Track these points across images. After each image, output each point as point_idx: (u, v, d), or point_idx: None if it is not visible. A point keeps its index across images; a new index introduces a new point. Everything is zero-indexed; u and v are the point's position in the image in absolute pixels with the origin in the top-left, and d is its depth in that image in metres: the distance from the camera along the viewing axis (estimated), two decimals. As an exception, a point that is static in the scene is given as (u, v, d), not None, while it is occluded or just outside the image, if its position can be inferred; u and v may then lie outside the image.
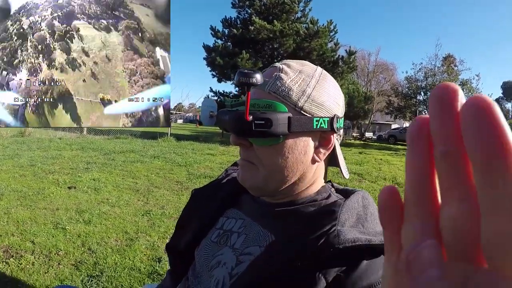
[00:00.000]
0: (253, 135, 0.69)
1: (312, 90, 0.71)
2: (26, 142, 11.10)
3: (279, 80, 0.70)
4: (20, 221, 3.90)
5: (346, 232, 0.61)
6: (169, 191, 5.93)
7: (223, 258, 0.76)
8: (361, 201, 0.71)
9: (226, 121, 0.73)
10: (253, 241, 0.74)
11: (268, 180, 0.73)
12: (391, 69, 42.91)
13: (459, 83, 25.80)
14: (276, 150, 0.70)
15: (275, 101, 0.68)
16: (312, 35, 18.50)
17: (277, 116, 0.67)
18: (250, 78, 0.63)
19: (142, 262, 3.12)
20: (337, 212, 0.65)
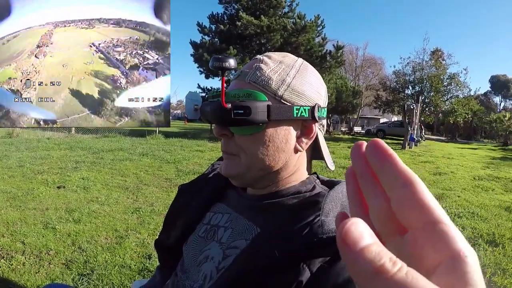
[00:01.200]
0: (233, 124, 0.70)
1: (292, 79, 0.72)
2: (14, 143, 10.99)
3: (259, 70, 0.72)
4: (10, 222, 3.88)
5: (329, 222, 0.61)
6: (158, 188, 5.93)
7: (211, 253, 0.77)
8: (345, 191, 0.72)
9: (208, 112, 0.74)
10: (239, 234, 0.75)
11: (250, 169, 0.74)
12: (379, 63, 43.14)
13: (447, 77, 25.98)
14: (257, 138, 0.71)
15: (255, 90, 0.70)
16: (300, 30, 18.47)
17: (256, 104, 0.68)
18: (223, 62, 0.65)
19: (132, 260, 3.14)
20: (321, 203, 0.66)
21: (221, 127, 0.74)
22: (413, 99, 25.11)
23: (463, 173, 9.31)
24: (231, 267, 0.69)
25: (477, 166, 11.20)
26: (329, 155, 0.81)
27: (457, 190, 6.94)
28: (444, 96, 26.18)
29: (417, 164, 10.65)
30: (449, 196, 6.18)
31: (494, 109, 54.47)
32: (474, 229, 4.33)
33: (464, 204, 5.64)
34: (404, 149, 16.25)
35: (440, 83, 25.06)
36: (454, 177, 8.46)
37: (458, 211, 5.07)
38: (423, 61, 27.79)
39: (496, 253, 3.64)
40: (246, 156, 0.73)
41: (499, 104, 63.22)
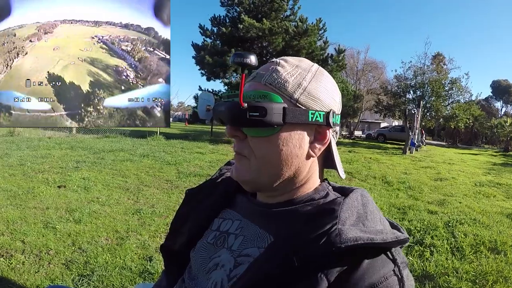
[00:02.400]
0: (247, 124, 0.69)
1: (308, 83, 0.71)
2: (15, 142, 10.99)
3: (276, 72, 0.71)
4: (10, 221, 3.87)
5: (347, 231, 0.60)
6: (159, 190, 5.93)
7: (221, 260, 0.75)
8: (361, 199, 0.70)
9: (222, 112, 0.73)
10: (251, 242, 0.74)
11: (261, 173, 0.72)
12: (380, 67, 43.23)
13: (449, 82, 25.94)
14: (270, 141, 0.70)
15: (271, 92, 0.69)
16: (301, 33, 18.47)
17: (272, 105, 0.67)
18: (244, 58, 0.64)
19: (133, 261, 3.12)
20: (337, 211, 0.65)
21: (234, 128, 0.73)
22: (414, 103, 25.08)
23: (464, 179, 9.30)
24: (245, 276, 0.67)
25: (478, 172, 11.20)
26: (340, 163, 0.80)
27: (459, 196, 6.93)
28: (445, 101, 26.11)
29: (418, 169, 10.64)
30: (450, 202, 6.16)
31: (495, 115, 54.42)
32: (476, 236, 4.31)
33: (465, 211, 5.63)
34: (404, 154, 16.25)
35: (441, 88, 25.01)
36: (455, 183, 8.46)
37: (460, 218, 5.05)
38: (424, 65, 27.76)
39: (498, 261, 3.61)
40: (258, 159, 0.72)
41: (500, 110, 63.25)
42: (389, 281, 0.60)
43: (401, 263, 0.63)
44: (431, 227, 4.54)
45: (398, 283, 0.61)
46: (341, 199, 0.70)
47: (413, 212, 5.35)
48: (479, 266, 3.47)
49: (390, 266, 0.62)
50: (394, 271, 0.61)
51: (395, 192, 6.95)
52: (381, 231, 0.64)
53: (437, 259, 3.56)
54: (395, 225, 0.72)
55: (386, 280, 0.59)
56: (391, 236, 0.62)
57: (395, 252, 0.64)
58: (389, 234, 0.63)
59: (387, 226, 0.68)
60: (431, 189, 7.42)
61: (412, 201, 6.19)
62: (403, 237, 0.64)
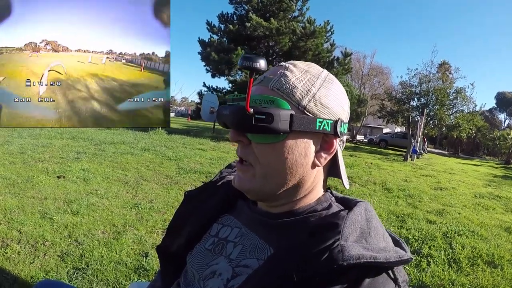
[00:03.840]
0: (253, 130, 0.66)
1: (317, 90, 0.69)
2: (17, 130, 10.99)
3: (284, 77, 0.68)
4: (8, 209, 3.86)
5: (350, 248, 0.59)
6: (158, 185, 5.92)
7: (218, 268, 0.74)
8: (364, 214, 0.68)
9: (226, 116, 0.70)
10: (251, 253, 0.72)
11: (265, 182, 0.70)
12: (386, 73, 43.10)
13: (453, 91, 25.86)
14: (275, 149, 0.68)
15: (278, 97, 0.66)
16: (309, 34, 18.45)
17: (279, 112, 0.64)
18: (253, 62, 0.61)
19: (128, 257, 3.10)
20: (341, 226, 0.63)
21: (238, 133, 0.70)
22: (418, 111, 25.01)
23: (464, 189, 9.27)
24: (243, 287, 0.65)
25: (479, 183, 11.16)
26: (345, 173, 0.78)
27: (458, 206, 6.90)
28: (449, 110, 26.02)
29: (418, 177, 10.61)
30: (449, 213, 6.13)
31: (499, 126, 54.32)
32: (473, 248, 4.29)
33: (464, 222, 5.60)
34: (406, 161, 16.23)
35: (446, 97, 24.91)
36: (455, 193, 8.43)
37: (458, 229, 5.02)
38: (430, 73, 27.61)
39: (495, 275, 3.59)
40: (262, 167, 0.69)
41: (503, 122, 63.16)
42: None
43: (402, 282, 0.61)
44: (429, 237, 4.52)
45: None
46: (344, 213, 0.68)
47: (411, 220, 5.32)
48: (475, 279, 3.45)
49: (391, 286, 0.60)
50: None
51: (395, 199, 6.92)
52: (384, 248, 0.62)
53: (433, 270, 3.54)
54: (397, 240, 0.71)
55: None
56: (394, 255, 0.60)
57: (396, 271, 0.62)
58: (391, 252, 0.61)
59: (390, 243, 0.67)
60: (431, 198, 7.39)
61: (411, 209, 6.16)
62: (406, 257, 0.62)
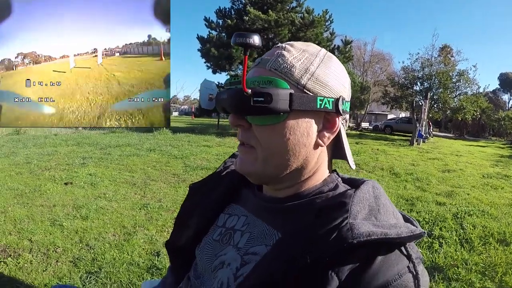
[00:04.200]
0: (252, 112, 0.65)
1: (316, 68, 0.67)
2: (21, 140, 11.05)
3: (281, 57, 0.67)
4: (17, 220, 3.88)
5: (359, 226, 0.57)
6: (166, 184, 5.94)
7: (227, 258, 0.73)
8: (372, 192, 0.66)
9: (225, 100, 0.69)
10: (258, 239, 0.70)
11: (267, 164, 0.68)
12: (387, 59, 42.94)
13: (456, 74, 25.71)
14: (276, 130, 0.66)
15: (277, 78, 0.65)
16: (308, 24, 18.34)
17: (278, 91, 0.62)
18: (247, 38, 0.59)
19: (140, 257, 3.12)
20: (348, 204, 0.61)
21: (238, 117, 0.69)
22: (422, 95, 24.90)
23: (472, 170, 9.22)
24: (252, 275, 0.64)
25: (486, 164, 11.09)
26: (350, 152, 0.76)
27: (466, 187, 6.87)
28: (453, 92, 25.90)
29: (426, 161, 10.56)
30: (458, 194, 6.11)
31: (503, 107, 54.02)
32: (484, 227, 4.28)
33: (474, 202, 5.58)
34: (412, 146, 16.14)
35: (448, 80, 24.79)
36: (463, 175, 8.38)
37: (468, 209, 5.01)
38: (432, 57, 27.51)
39: (507, 252, 3.58)
40: (263, 149, 0.68)
41: (507, 102, 62.77)
42: (404, 278, 0.56)
43: (416, 259, 0.59)
44: (440, 219, 4.51)
45: (413, 280, 0.57)
46: (351, 191, 0.67)
47: (421, 203, 5.32)
48: (488, 257, 3.44)
49: (405, 263, 0.58)
50: (409, 267, 0.58)
51: (403, 183, 6.90)
52: (394, 225, 0.60)
53: (446, 250, 3.54)
54: (408, 218, 0.70)
55: (400, 278, 0.56)
56: (405, 231, 0.59)
57: (409, 247, 0.60)
58: (403, 228, 0.60)
59: (400, 220, 0.65)
60: (439, 181, 7.36)
61: (420, 192, 6.15)
62: (418, 232, 0.60)
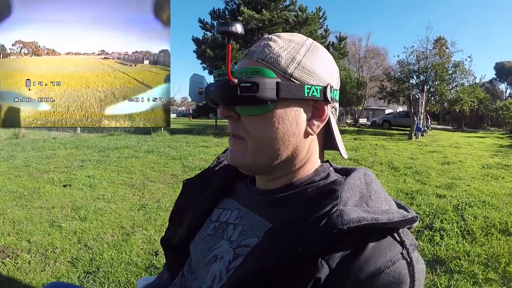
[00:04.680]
0: (239, 102, 0.65)
1: (302, 57, 0.67)
2: (20, 144, 11.03)
3: (268, 47, 0.67)
4: (16, 221, 3.87)
5: (349, 212, 0.56)
6: (165, 185, 5.92)
7: (220, 252, 0.72)
8: (363, 178, 0.66)
9: (213, 91, 0.69)
10: (251, 232, 0.70)
11: (258, 154, 0.68)
12: (383, 53, 42.89)
13: (452, 65, 25.75)
14: (265, 119, 0.66)
15: (263, 68, 0.65)
16: (302, 22, 18.39)
17: (265, 80, 0.63)
18: (229, 26, 0.60)
19: (139, 256, 3.11)
20: (338, 191, 0.61)
21: (226, 108, 0.69)
22: (418, 88, 24.98)
23: (472, 162, 9.22)
24: (242, 266, 0.63)
25: (485, 155, 11.10)
26: (342, 142, 0.75)
27: (467, 179, 6.86)
28: (449, 84, 25.94)
29: (425, 154, 10.56)
30: (458, 186, 6.10)
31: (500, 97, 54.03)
32: (486, 218, 4.26)
33: (474, 193, 5.57)
34: (410, 140, 16.16)
35: (444, 72, 24.83)
36: (463, 166, 8.38)
37: (469, 200, 5.00)
38: (426, 50, 27.54)
39: (510, 242, 3.56)
40: (253, 139, 0.67)
41: (505, 91, 62.89)
42: (397, 265, 0.55)
43: (410, 245, 0.58)
44: (440, 211, 4.49)
45: (407, 267, 0.56)
46: (342, 179, 0.66)
47: (421, 196, 5.30)
48: (490, 248, 3.42)
49: (398, 249, 0.57)
50: (403, 254, 0.57)
51: (402, 177, 6.89)
52: (386, 211, 0.59)
53: (447, 243, 3.51)
54: (402, 205, 0.68)
55: (393, 265, 0.55)
56: (397, 216, 0.58)
57: (403, 234, 0.59)
58: (395, 213, 0.58)
59: (393, 206, 0.64)
60: (439, 173, 7.35)
61: (419, 185, 6.14)
62: (410, 216, 0.59)
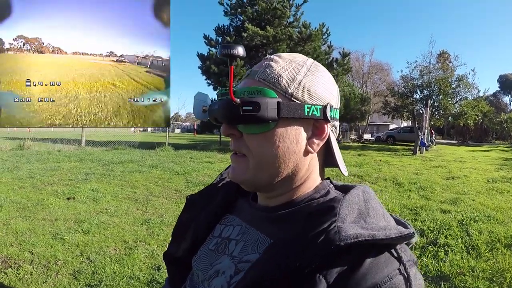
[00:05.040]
0: (241, 121, 0.67)
1: (303, 77, 0.69)
2: (25, 155, 11.11)
3: (269, 68, 0.69)
4: (19, 232, 3.88)
5: (347, 228, 0.57)
6: (168, 200, 5.92)
7: (222, 267, 0.73)
8: (362, 195, 0.67)
9: (216, 110, 0.72)
10: (252, 248, 0.71)
11: (259, 171, 0.70)
12: (386, 69, 43.13)
13: (455, 79, 25.76)
14: (266, 138, 0.67)
15: (265, 87, 0.67)
16: (305, 38, 18.53)
17: (266, 100, 0.65)
18: (231, 49, 0.62)
19: (141, 271, 3.10)
20: (337, 208, 0.61)
21: (229, 126, 0.70)
22: (422, 103, 24.94)
23: (477, 176, 9.18)
24: (242, 281, 0.64)
25: (491, 169, 11.06)
26: (342, 159, 0.77)
27: (471, 193, 6.82)
28: (453, 98, 25.92)
29: (429, 169, 10.51)
30: (463, 200, 6.06)
31: (504, 109, 53.89)
32: (491, 233, 4.22)
33: (479, 208, 5.53)
34: (415, 155, 16.11)
35: (448, 86, 24.84)
36: (468, 181, 8.34)
37: (474, 215, 4.96)
38: (430, 64, 27.52)
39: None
40: (254, 157, 0.69)
41: (509, 104, 62.73)
42: (394, 280, 0.55)
43: (408, 261, 0.58)
44: (445, 227, 4.45)
45: (405, 283, 0.56)
46: (341, 196, 0.67)
47: (425, 212, 5.26)
48: (495, 263, 3.38)
49: (395, 265, 0.57)
50: (400, 269, 0.57)
51: (407, 193, 6.86)
52: (384, 227, 0.60)
53: (452, 258, 3.48)
54: (402, 221, 0.69)
55: (390, 280, 0.55)
56: (394, 232, 0.59)
57: (400, 250, 0.60)
58: (392, 230, 0.59)
59: (391, 222, 0.65)
60: (443, 188, 7.31)
61: (424, 201, 6.10)
62: (407, 232, 0.60)
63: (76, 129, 31.56)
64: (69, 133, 27.17)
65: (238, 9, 19.89)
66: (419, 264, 3.29)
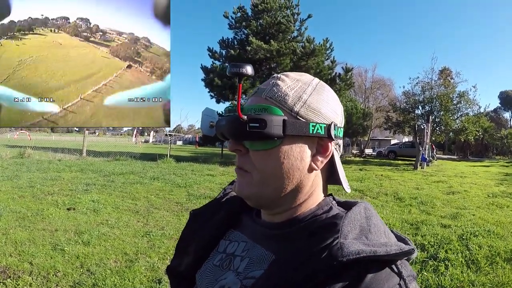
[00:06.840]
0: (248, 137, 0.69)
1: (308, 96, 0.71)
2: (25, 164, 11.12)
3: (276, 86, 0.71)
4: (18, 242, 3.88)
5: (349, 245, 0.58)
6: (169, 212, 5.91)
7: (227, 283, 0.74)
8: (364, 212, 0.68)
9: (223, 126, 0.73)
10: (257, 264, 0.72)
11: (263, 187, 0.71)
12: (388, 84, 43.16)
13: (457, 95, 25.82)
14: (271, 155, 0.69)
15: (271, 105, 0.69)
16: (309, 53, 18.64)
17: (272, 118, 0.67)
18: (240, 68, 0.65)
19: (141, 284, 3.09)
20: (339, 225, 0.63)
21: (236, 142, 0.73)
22: (424, 119, 24.98)
23: (477, 191, 9.17)
24: None
25: (491, 184, 11.04)
26: (345, 177, 0.78)
27: (472, 208, 6.81)
28: (454, 114, 25.95)
29: (430, 184, 10.49)
30: (463, 215, 6.05)
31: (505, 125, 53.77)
32: (491, 247, 4.22)
33: (479, 223, 5.52)
34: (416, 170, 16.08)
35: (449, 102, 24.87)
36: (468, 196, 8.33)
37: (474, 230, 4.95)
38: (432, 80, 27.60)
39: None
40: (259, 173, 0.71)
41: (509, 120, 62.70)
42: None
43: (408, 276, 0.60)
44: (445, 241, 4.45)
45: None
46: (343, 213, 0.69)
47: (426, 227, 5.25)
48: (495, 277, 3.38)
49: (395, 280, 0.59)
50: (400, 284, 0.59)
51: (407, 208, 6.85)
52: (385, 243, 0.62)
53: (452, 273, 3.47)
54: (402, 237, 0.70)
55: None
56: (395, 248, 0.60)
57: (400, 265, 0.61)
58: (393, 246, 0.61)
59: (392, 239, 0.66)
60: (444, 203, 7.30)
61: (424, 216, 6.08)
62: (407, 248, 0.61)
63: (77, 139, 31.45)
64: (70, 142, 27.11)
65: (242, 22, 20.06)
66: (420, 278, 3.29)
